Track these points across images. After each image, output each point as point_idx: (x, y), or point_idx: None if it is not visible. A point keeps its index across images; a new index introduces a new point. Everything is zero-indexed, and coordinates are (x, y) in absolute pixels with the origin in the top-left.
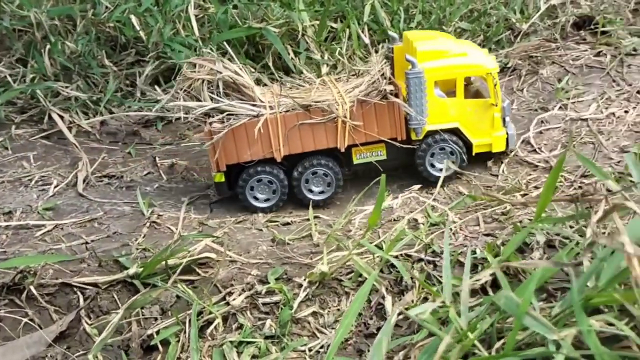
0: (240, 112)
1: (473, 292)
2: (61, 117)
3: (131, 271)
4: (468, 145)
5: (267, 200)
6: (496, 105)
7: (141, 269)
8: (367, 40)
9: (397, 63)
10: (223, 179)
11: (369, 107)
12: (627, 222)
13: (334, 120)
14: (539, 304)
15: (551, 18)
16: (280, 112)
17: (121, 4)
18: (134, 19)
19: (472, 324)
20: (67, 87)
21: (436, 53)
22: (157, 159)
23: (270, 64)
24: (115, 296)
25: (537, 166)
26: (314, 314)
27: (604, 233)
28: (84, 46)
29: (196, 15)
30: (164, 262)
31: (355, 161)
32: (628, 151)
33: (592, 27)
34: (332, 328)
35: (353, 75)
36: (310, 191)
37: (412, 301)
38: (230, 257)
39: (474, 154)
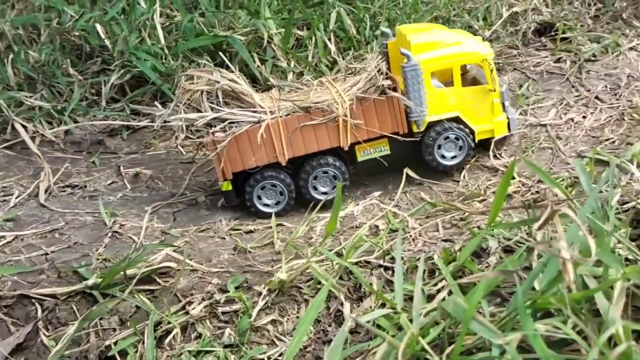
0: (242, 120)
1: (431, 298)
2: (24, 127)
3: (90, 282)
4: (471, 132)
5: (276, 204)
6: (494, 91)
7: (100, 280)
8: (333, 48)
9: (393, 58)
10: (230, 187)
11: (368, 104)
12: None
13: (334, 120)
14: (490, 308)
15: (513, 25)
16: (281, 116)
17: (87, 12)
18: (99, 27)
19: (425, 329)
20: (30, 96)
21: (430, 44)
22: (121, 168)
23: (237, 72)
24: (74, 307)
25: (497, 171)
26: (273, 322)
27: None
28: (48, 55)
29: (162, 24)
30: (123, 272)
31: (360, 158)
32: (585, 156)
33: (552, 33)
34: (291, 336)
35: (350, 73)
36: (318, 191)
37: (371, 307)
38: (191, 266)
39: (476, 140)
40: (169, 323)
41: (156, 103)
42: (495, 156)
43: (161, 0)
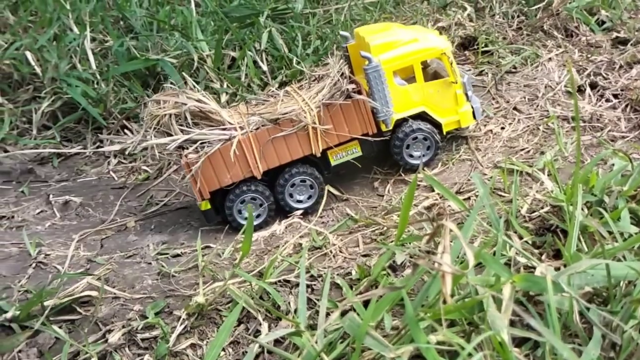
0: (213, 139)
1: (345, 313)
2: None
3: (9, 315)
4: (437, 126)
5: (257, 217)
6: (456, 82)
7: (19, 312)
8: (264, 67)
9: (354, 60)
10: (209, 206)
11: (335, 109)
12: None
13: (304, 128)
14: (395, 322)
15: None
16: (251, 131)
17: (17, 40)
18: (29, 55)
19: (331, 345)
20: None
21: (389, 44)
22: (51, 196)
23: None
24: None
25: (419, 185)
26: (192, 345)
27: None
28: None
29: (94, 49)
30: (41, 303)
31: (333, 163)
32: (501, 167)
33: (475, 47)
34: None
35: (314, 80)
36: (295, 200)
37: (290, 326)
38: (114, 293)
39: (444, 133)
40: (86, 353)
41: (126, 131)
42: (416, 170)
43: (94, 26)
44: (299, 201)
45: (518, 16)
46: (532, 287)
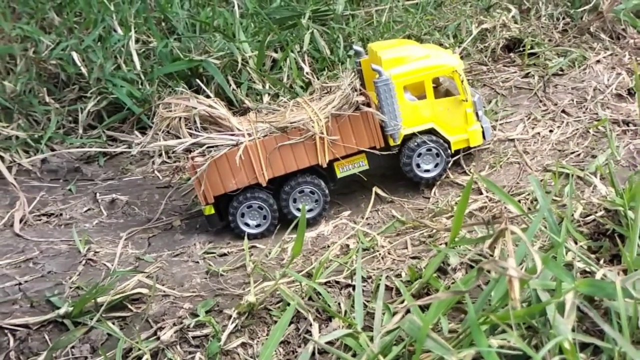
0: (220, 143)
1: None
2: (1, 158)
3: (62, 311)
4: (446, 143)
5: (260, 225)
6: (466, 101)
7: (72, 308)
8: (307, 69)
9: (366, 75)
10: (213, 211)
11: (343, 121)
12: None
13: (311, 138)
14: (451, 325)
15: (483, 42)
16: (259, 138)
17: (63, 41)
18: (75, 55)
19: (388, 347)
20: (7, 126)
21: (400, 59)
22: (97, 194)
23: (213, 95)
24: (47, 337)
25: (463, 187)
26: (243, 344)
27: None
28: (24, 85)
29: (138, 50)
30: (94, 300)
31: (339, 175)
32: (550, 170)
33: (521, 49)
34: None
35: (325, 92)
36: (299, 210)
37: (340, 327)
38: (163, 291)
39: (452, 151)
40: (139, 350)
41: (136, 132)
42: (464, 172)
43: (137, 27)
44: (309, 210)
45: (563, 18)
46: (597, 293)
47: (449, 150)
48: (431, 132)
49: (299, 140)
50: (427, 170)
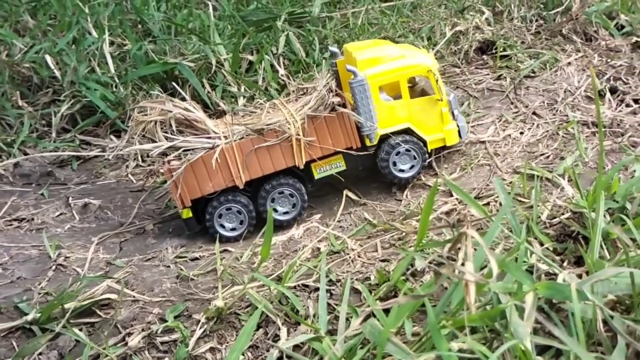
0: (196, 147)
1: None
2: None
3: (30, 317)
4: (423, 143)
5: (233, 229)
6: (442, 100)
7: (39, 315)
8: (282, 71)
9: (342, 76)
10: (191, 214)
11: (319, 122)
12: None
13: (288, 140)
14: (415, 328)
15: (456, 44)
16: (235, 140)
17: (37, 44)
18: (49, 58)
19: (353, 351)
20: None
21: (375, 60)
22: (70, 199)
23: (189, 98)
24: (14, 343)
25: (437, 190)
26: (211, 349)
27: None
28: None
29: (113, 53)
30: (61, 306)
31: (317, 176)
32: (520, 172)
33: (494, 51)
34: None
35: (301, 94)
36: (277, 212)
37: (309, 331)
38: (133, 296)
39: (429, 150)
40: (106, 356)
41: (111, 136)
42: (437, 174)
43: (112, 29)
44: (284, 213)
45: (536, 20)
46: (556, 295)
47: (427, 155)
48: (407, 131)
49: (276, 142)
50: (402, 170)
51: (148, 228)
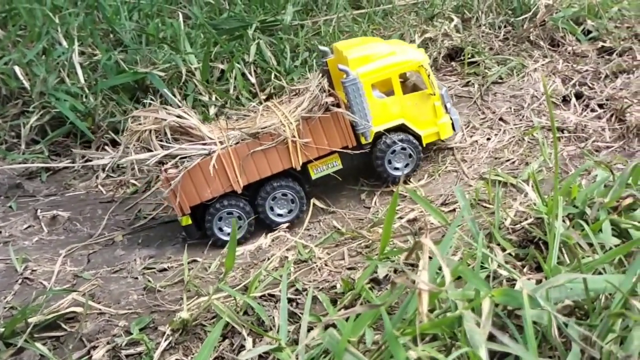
0: (192, 154)
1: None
2: None
3: None
4: (417, 138)
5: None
6: (434, 94)
7: (3, 329)
8: (253, 80)
9: (334, 75)
10: (190, 222)
11: (314, 122)
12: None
13: (283, 142)
14: (377, 337)
15: (426, 51)
16: (231, 145)
17: (6, 55)
18: (18, 69)
19: None
20: None
21: (366, 58)
22: (38, 211)
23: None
24: None
25: (405, 197)
26: None
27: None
28: None
29: (83, 63)
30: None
31: (314, 176)
32: (485, 178)
33: (462, 58)
34: None
35: (294, 95)
36: (277, 215)
37: (275, 341)
38: (99, 309)
39: (424, 145)
40: None
41: (107, 148)
42: (405, 182)
43: (83, 39)
44: (280, 215)
45: (505, 27)
46: (510, 302)
47: (421, 154)
48: (402, 127)
49: (271, 145)
50: (396, 169)
51: (117, 239)
